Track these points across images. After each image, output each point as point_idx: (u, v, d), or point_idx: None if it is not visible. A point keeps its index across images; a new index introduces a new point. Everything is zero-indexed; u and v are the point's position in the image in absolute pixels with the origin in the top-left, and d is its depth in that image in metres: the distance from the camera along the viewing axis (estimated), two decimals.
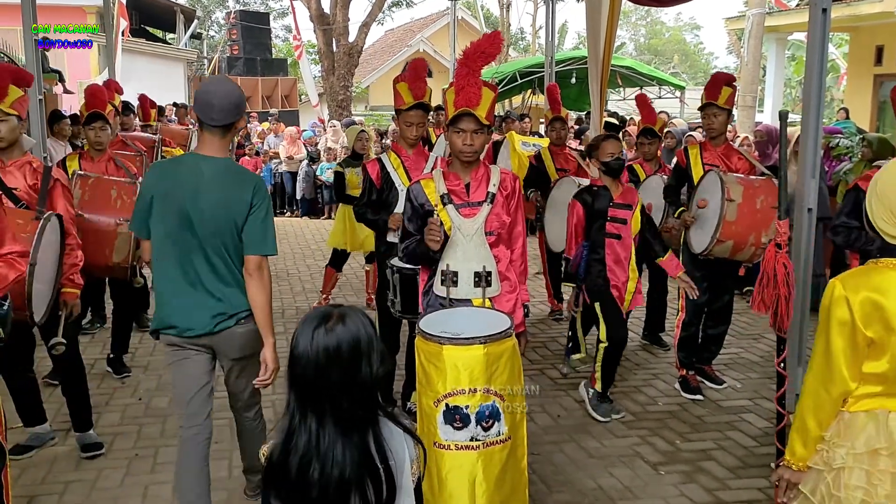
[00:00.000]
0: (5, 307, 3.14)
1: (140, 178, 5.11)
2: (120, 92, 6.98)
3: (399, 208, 4.25)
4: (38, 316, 3.74)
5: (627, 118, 14.12)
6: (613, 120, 11.29)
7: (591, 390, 4.80)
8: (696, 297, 4.70)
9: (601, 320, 4.65)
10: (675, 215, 5.28)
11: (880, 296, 2.15)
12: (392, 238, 4.44)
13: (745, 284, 6.89)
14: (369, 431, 1.85)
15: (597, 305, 4.66)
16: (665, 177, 5.77)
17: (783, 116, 3.72)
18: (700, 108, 5.18)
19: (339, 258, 7.37)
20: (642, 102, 6.31)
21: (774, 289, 3.44)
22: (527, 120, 11.08)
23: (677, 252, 5.17)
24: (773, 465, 3.34)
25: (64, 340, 4.04)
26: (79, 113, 6.15)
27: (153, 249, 3.22)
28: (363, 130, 7.34)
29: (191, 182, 3.11)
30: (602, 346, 4.65)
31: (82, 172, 4.96)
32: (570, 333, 5.40)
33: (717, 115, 5.01)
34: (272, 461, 1.86)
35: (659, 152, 6.47)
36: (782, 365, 3.48)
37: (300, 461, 1.80)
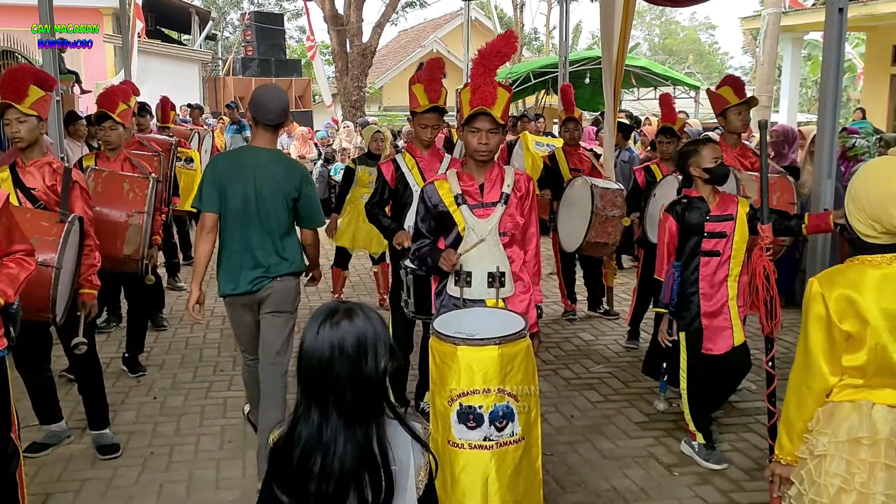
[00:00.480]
0: (14, 307, 3.17)
1: (154, 175, 5.13)
2: (136, 93, 7.03)
3: (414, 208, 4.25)
4: (59, 317, 3.78)
5: (642, 118, 14.07)
6: (625, 120, 11.25)
7: (694, 444, 4.23)
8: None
9: (682, 355, 4.20)
10: None
11: (854, 291, 2.26)
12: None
13: None
14: (373, 428, 1.86)
15: (681, 336, 4.19)
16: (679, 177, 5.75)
17: (763, 126, 3.81)
18: (729, 108, 5.06)
19: (342, 256, 7.39)
20: (665, 101, 6.28)
21: (762, 292, 3.50)
22: (541, 120, 11.07)
23: None
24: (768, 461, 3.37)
25: (86, 340, 4.07)
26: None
27: (221, 225, 3.86)
28: (379, 131, 7.33)
29: (251, 169, 3.79)
30: (684, 392, 4.23)
31: (97, 167, 5.00)
32: (664, 366, 4.69)
33: (748, 111, 5.03)
34: (277, 449, 1.89)
35: None
36: (770, 364, 3.49)
37: (302, 452, 1.82)
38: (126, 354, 5.57)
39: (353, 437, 1.82)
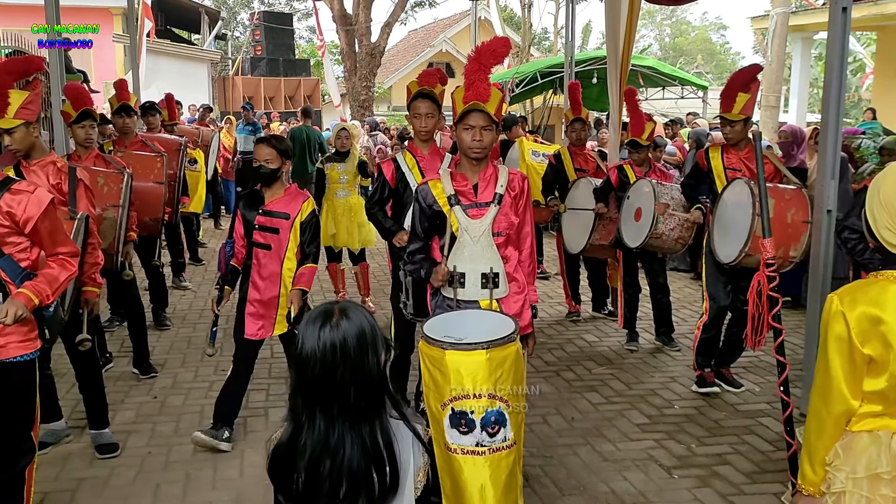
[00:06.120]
0: (51, 309, 3.18)
1: (129, 170, 5.02)
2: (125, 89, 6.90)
3: None
4: (63, 312, 3.77)
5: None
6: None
7: None
8: None
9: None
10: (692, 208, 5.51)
11: (878, 310, 2.03)
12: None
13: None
14: (377, 424, 1.86)
15: None
16: (652, 181, 5.71)
17: (757, 137, 3.92)
18: (720, 122, 5.11)
19: (330, 254, 7.42)
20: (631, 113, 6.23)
21: (751, 307, 3.50)
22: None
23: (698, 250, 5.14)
24: (789, 485, 3.24)
25: (90, 337, 4.08)
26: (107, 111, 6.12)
27: (296, 158, 8.53)
28: (344, 128, 7.47)
29: (306, 132, 11.20)
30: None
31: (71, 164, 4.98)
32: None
33: (734, 124, 4.95)
34: (278, 461, 1.88)
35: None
36: (783, 389, 3.37)
37: (310, 461, 1.81)
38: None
39: (360, 436, 1.82)
